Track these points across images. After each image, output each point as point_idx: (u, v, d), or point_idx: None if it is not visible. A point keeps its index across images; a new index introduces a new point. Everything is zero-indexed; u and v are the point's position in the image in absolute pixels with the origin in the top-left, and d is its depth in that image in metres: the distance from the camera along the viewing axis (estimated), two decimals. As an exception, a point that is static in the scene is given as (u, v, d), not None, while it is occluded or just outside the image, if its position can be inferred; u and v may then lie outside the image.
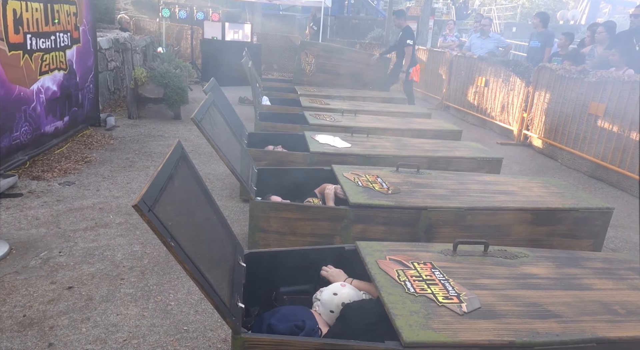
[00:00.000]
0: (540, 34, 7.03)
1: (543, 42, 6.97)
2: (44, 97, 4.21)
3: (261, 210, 2.66)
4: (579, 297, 1.77)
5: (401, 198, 2.73)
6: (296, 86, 7.04)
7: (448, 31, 10.54)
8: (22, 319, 2.17)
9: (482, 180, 3.23)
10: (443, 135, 4.77)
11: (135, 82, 5.94)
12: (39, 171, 3.98)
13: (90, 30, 5.23)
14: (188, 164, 1.79)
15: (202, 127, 2.43)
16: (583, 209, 2.79)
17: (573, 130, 5.44)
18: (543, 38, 6.99)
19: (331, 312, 1.80)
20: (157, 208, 1.30)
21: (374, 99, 6.75)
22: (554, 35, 7.16)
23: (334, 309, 1.80)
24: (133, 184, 3.94)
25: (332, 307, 1.80)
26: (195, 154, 4.89)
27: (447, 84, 8.63)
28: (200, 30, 9.97)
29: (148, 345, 2.05)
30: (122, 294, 2.42)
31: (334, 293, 1.84)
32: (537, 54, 6.97)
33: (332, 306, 1.81)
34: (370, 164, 3.58)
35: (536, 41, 7.10)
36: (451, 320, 1.55)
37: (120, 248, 2.88)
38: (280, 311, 1.76)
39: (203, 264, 1.41)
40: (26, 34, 3.82)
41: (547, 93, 5.93)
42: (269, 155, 3.75)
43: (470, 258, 2.01)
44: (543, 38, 6.99)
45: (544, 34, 7.00)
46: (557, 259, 2.08)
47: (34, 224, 3.11)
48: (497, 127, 7.05)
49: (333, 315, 1.79)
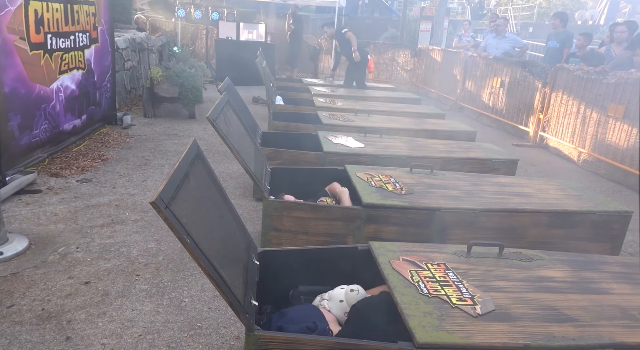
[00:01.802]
0: (559, 34, 6.92)
1: (562, 43, 6.85)
2: (63, 96, 4.30)
3: (274, 209, 2.67)
4: (596, 301, 1.74)
5: (415, 199, 2.71)
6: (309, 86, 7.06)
7: (463, 31, 10.45)
8: (40, 312, 2.22)
9: (497, 181, 3.20)
10: (457, 136, 4.73)
11: (151, 81, 6.02)
12: (58, 168, 4.06)
13: (108, 30, 5.31)
14: (203, 163, 1.81)
15: (217, 126, 2.45)
16: (601, 212, 2.74)
17: (591, 132, 5.34)
18: (562, 38, 6.87)
19: (340, 302, 1.81)
20: (174, 205, 1.31)
21: (388, 99, 6.73)
22: (572, 36, 7.04)
23: (342, 298, 1.81)
24: (148, 182, 4.00)
25: (341, 296, 1.82)
26: (210, 153, 4.93)
27: (461, 85, 8.55)
28: (215, 30, 10.06)
29: (162, 341, 2.08)
30: (138, 289, 2.45)
31: (341, 287, 1.86)
32: (555, 55, 6.86)
33: (341, 295, 1.82)
34: (383, 164, 3.57)
35: (554, 42, 6.99)
36: (465, 322, 1.54)
37: (135, 245, 2.92)
38: (289, 312, 1.77)
39: (217, 261, 1.43)
40: (46, 34, 3.90)
41: (565, 94, 5.84)
42: (282, 155, 3.76)
43: (484, 260, 1.99)
44: (562, 38, 6.87)
45: (563, 34, 6.89)
46: (574, 262, 2.05)
47: (53, 220, 3.17)
48: (513, 129, 6.97)
49: (343, 304, 1.81)
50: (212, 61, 9.93)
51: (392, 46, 11.51)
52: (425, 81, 10.50)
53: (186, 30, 11.06)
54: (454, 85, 8.91)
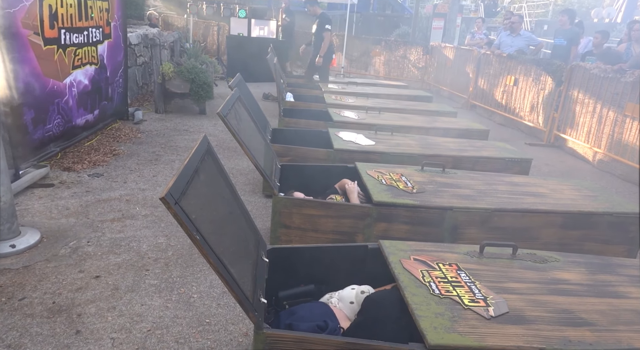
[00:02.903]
0: (566, 31, 6.81)
1: (569, 40, 6.76)
2: (76, 91, 4.33)
3: (284, 206, 2.65)
4: (613, 305, 1.69)
5: (426, 197, 2.68)
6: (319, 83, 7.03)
7: (476, 29, 10.31)
8: (51, 305, 2.23)
9: (510, 181, 3.14)
10: (469, 134, 4.67)
11: (162, 77, 6.04)
12: (70, 162, 4.09)
13: (121, 26, 5.34)
14: (214, 158, 1.79)
15: (228, 122, 2.44)
16: (618, 214, 2.68)
17: (607, 131, 5.23)
18: (569, 36, 6.78)
19: (351, 303, 1.79)
20: (183, 201, 1.30)
21: (399, 97, 6.67)
22: (579, 33, 6.94)
23: (353, 300, 1.79)
24: (159, 177, 4.01)
25: (352, 298, 1.80)
26: (220, 149, 4.94)
27: (473, 83, 8.44)
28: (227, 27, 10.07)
29: (171, 336, 2.08)
30: (147, 284, 2.46)
31: (352, 288, 1.83)
32: (562, 52, 6.76)
33: (352, 297, 1.80)
34: (394, 162, 3.53)
35: (561, 39, 6.88)
36: (478, 324, 1.50)
37: (145, 240, 2.93)
38: (299, 310, 1.74)
39: (227, 258, 1.42)
40: (60, 29, 3.92)
41: (580, 93, 5.73)
42: (292, 152, 3.75)
43: (497, 261, 1.95)
44: (569, 36, 6.78)
45: (570, 31, 6.79)
46: (590, 264, 2.00)
47: (64, 213, 3.20)
48: (526, 127, 6.86)
49: (353, 306, 1.78)
50: (223, 57, 9.94)
51: (403, 43, 11.41)
52: (437, 79, 10.40)
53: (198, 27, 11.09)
54: (466, 83, 8.80)
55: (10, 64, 3.28)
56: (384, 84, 7.87)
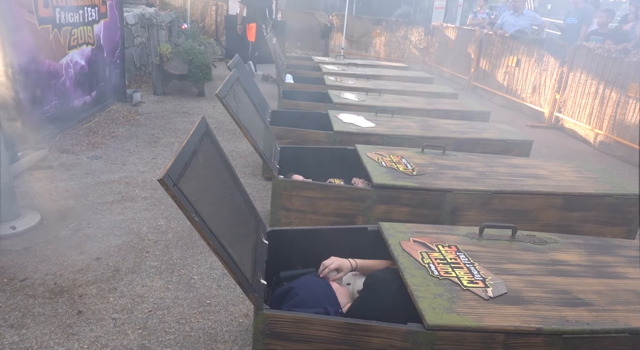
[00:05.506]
0: (578, 10, 6.66)
1: (580, 19, 6.61)
2: (72, 72, 4.27)
3: (283, 188, 2.65)
4: (611, 285, 1.70)
5: (426, 179, 2.67)
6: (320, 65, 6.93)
7: (479, 8, 10.12)
8: (53, 286, 2.25)
9: (510, 163, 3.13)
10: (470, 116, 4.63)
11: (160, 58, 5.96)
12: (69, 145, 4.07)
13: (117, 5, 5.23)
14: (212, 140, 1.78)
15: (226, 103, 2.41)
16: (618, 195, 2.67)
17: (609, 113, 5.19)
18: (580, 15, 6.62)
19: (348, 285, 1.83)
20: (182, 183, 1.29)
21: (400, 78, 6.59)
22: (592, 12, 6.77)
23: (350, 281, 1.82)
24: (158, 160, 4.00)
25: (349, 279, 1.83)
26: (219, 131, 4.90)
27: (475, 64, 8.34)
28: (225, 7, 9.88)
29: (172, 317, 2.10)
30: (148, 266, 2.47)
31: (348, 283, 1.84)
32: (572, 32, 6.63)
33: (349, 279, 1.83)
34: (394, 144, 3.51)
35: (572, 18, 6.74)
36: (476, 304, 1.52)
37: (145, 222, 2.94)
38: (299, 292, 1.66)
39: (226, 240, 1.41)
40: (55, 8, 3.84)
41: (583, 73, 5.66)
42: (292, 134, 3.72)
43: (497, 242, 1.95)
44: (580, 15, 6.62)
45: (583, 10, 6.63)
46: (589, 245, 2.01)
47: (64, 196, 3.20)
48: (527, 109, 6.81)
49: (350, 287, 1.82)
50: (221, 38, 9.79)
51: (404, 24, 11.22)
52: (438, 60, 10.27)
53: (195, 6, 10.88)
54: (467, 64, 8.69)
55: (4, 43, 3.23)
56: (385, 66, 7.76)
